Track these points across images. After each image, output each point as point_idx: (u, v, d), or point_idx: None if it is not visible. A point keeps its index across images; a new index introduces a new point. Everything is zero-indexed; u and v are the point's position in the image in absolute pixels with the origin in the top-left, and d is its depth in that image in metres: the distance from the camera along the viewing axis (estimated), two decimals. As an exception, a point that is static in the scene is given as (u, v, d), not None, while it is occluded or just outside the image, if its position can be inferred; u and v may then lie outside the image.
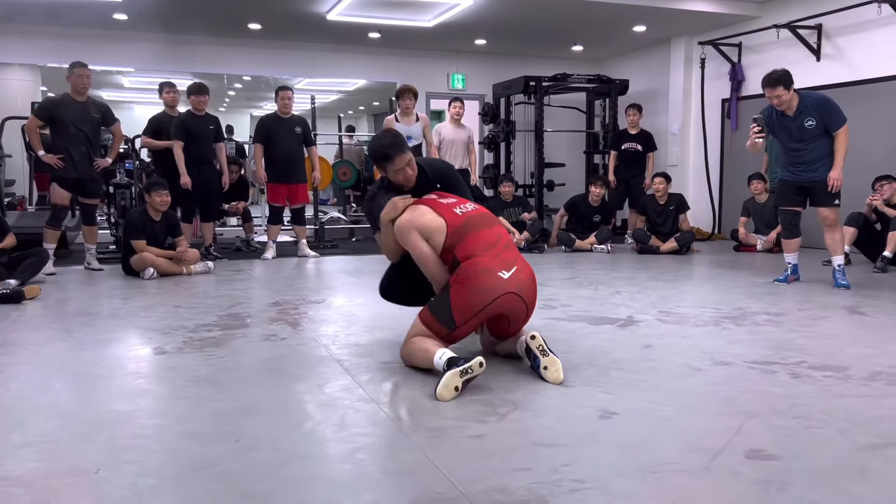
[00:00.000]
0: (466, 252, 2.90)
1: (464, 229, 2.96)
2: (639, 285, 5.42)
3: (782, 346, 3.43)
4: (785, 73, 5.04)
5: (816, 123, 5.01)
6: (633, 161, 8.55)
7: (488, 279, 2.83)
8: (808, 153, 5.13)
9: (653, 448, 2.15)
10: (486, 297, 2.84)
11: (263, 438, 2.24)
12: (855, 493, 1.85)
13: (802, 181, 5.21)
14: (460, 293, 2.85)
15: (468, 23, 8.65)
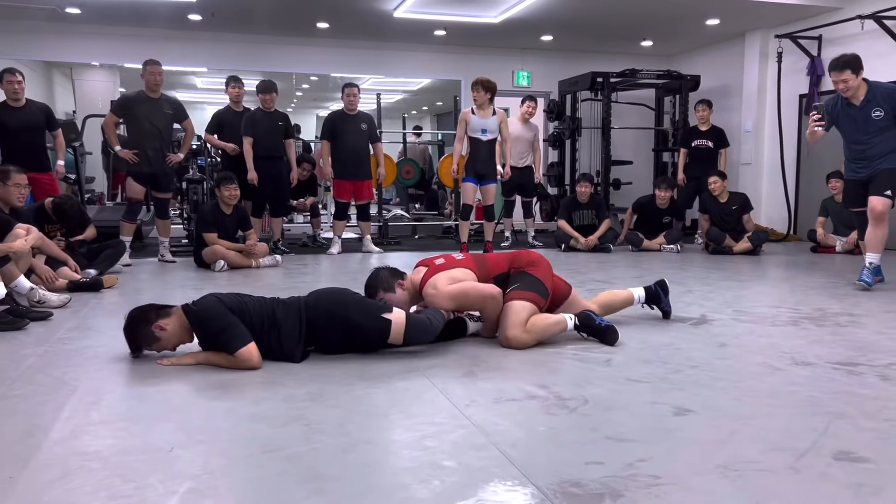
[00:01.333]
0: (500, 263, 3.45)
1: (475, 262, 3.40)
2: (711, 284, 5.24)
3: (868, 348, 3.25)
4: (855, 56, 4.78)
5: (885, 115, 4.71)
6: (704, 158, 8.29)
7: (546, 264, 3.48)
8: (871, 148, 4.83)
9: (732, 446, 2.06)
10: (551, 269, 3.48)
11: (331, 424, 2.24)
12: (959, 501, 1.72)
13: (863, 178, 4.92)
14: (540, 269, 3.39)
15: (534, 18, 8.56)
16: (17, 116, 5.81)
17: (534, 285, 3.30)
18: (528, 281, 3.32)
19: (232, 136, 6.94)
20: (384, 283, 3.30)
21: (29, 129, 5.85)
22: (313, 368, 2.90)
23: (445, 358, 3.07)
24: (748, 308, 4.25)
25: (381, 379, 2.76)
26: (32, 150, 5.86)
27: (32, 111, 5.91)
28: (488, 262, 3.44)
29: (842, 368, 2.90)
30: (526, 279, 3.33)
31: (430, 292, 3.19)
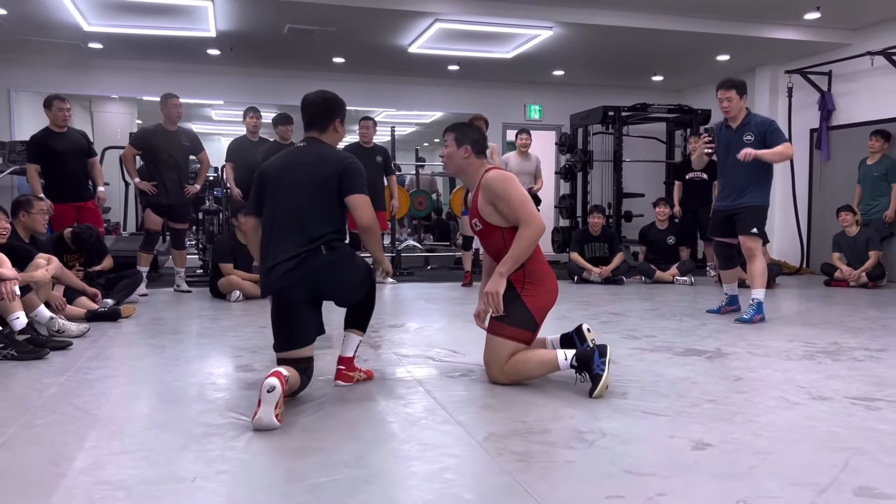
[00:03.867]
0: (535, 251, 3.13)
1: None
2: (726, 317, 5.23)
3: (886, 383, 3.24)
4: (742, 81, 5.01)
5: (755, 140, 4.83)
6: (699, 191, 8.32)
7: (554, 282, 3.21)
8: (737, 173, 4.93)
9: (752, 481, 2.06)
10: (554, 298, 3.19)
11: (351, 455, 2.25)
12: (982, 538, 1.71)
13: (727, 207, 5.06)
14: (537, 297, 3.11)
15: (546, 54, 8.69)
16: (63, 140, 5.87)
17: (522, 319, 3.07)
18: (518, 312, 3.07)
19: (247, 165, 7.04)
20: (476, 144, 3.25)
21: (74, 153, 5.91)
22: (329, 399, 2.92)
23: (463, 389, 3.08)
24: (763, 342, 4.25)
25: (398, 410, 2.77)
26: (76, 176, 5.95)
27: (76, 136, 6.00)
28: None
29: (860, 403, 2.90)
30: (516, 309, 3.07)
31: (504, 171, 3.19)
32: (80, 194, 5.96)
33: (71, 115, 5.97)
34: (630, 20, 7.39)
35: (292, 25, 7.42)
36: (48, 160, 5.83)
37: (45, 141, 5.85)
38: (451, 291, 6.84)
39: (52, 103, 5.87)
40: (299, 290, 2.90)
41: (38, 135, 5.92)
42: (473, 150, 3.19)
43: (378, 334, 4.44)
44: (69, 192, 5.87)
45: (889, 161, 7.55)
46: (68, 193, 5.86)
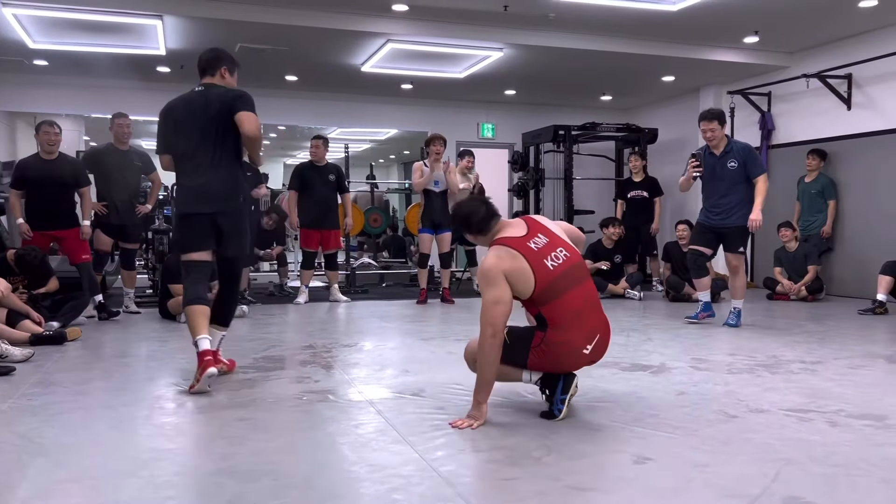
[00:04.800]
0: (556, 319, 2.82)
1: (555, 289, 2.82)
2: (671, 332, 5.38)
3: (819, 395, 3.39)
4: (721, 111, 5.56)
5: (738, 166, 5.34)
6: (641, 208, 8.60)
7: (573, 358, 2.89)
8: (725, 197, 5.42)
9: (688, 494, 2.14)
10: (563, 369, 2.93)
11: (299, 477, 2.27)
12: (898, 542, 1.82)
13: (714, 225, 5.52)
14: (540, 359, 2.87)
15: (498, 74, 8.84)
16: (44, 168, 5.66)
17: (517, 359, 2.90)
18: (519, 353, 2.89)
19: None
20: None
21: (52, 183, 5.66)
22: (280, 422, 2.93)
23: (415, 409, 3.12)
24: (706, 356, 4.39)
25: (349, 431, 2.80)
26: (53, 204, 5.70)
27: (61, 165, 5.75)
28: (560, 299, 2.85)
29: (794, 415, 3.03)
30: (520, 351, 2.89)
31: (490, 258, 2.86)
32: (59, 223, 5.74)
33: (59, 139, 5.79)
34: (578, 42, 7.58)
35: (244, 44, 7.41)
36: (26, 186, 5.71)
37: (25, 167, 5.76)
38: (406, 309, 6.87)
39: (39, 127, 5.75)
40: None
41: (23, 160, 5.89)
42: (473, 231, 3.04)
43: (331, 354, 4.45)
44: (45, 221, 5.69)
45: (825, 179, 7.88)
46: (44, 222, 5.69)
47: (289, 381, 3.69)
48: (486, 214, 3.01)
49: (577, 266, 2.93)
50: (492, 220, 3.01)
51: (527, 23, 7.14)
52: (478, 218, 3.00)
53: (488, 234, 3.00)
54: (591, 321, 2.90)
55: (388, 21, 7.00)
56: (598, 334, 2.91)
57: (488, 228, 3.00)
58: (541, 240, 2.89)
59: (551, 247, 2.88)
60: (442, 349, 4.65)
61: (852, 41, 7.63)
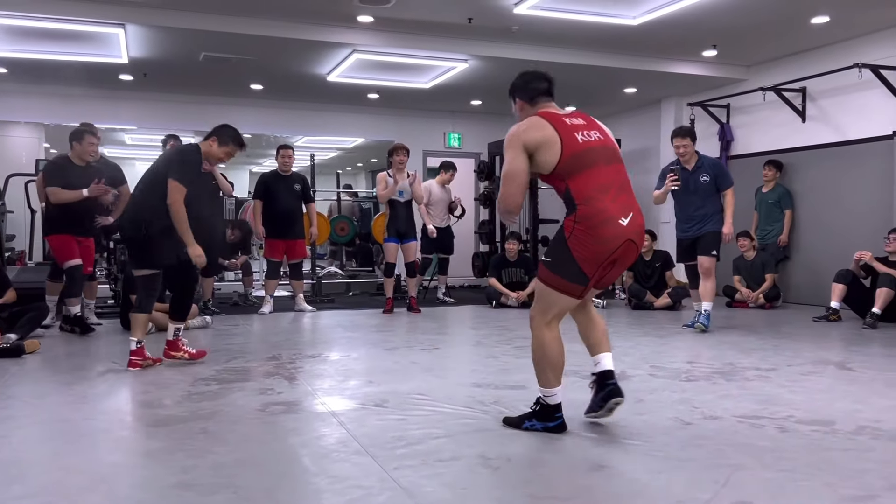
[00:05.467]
0: (584, 192, 2.72)
1: (582, 160, 2.75)
2: (632, 340, 5.48)
3: (771, 401, 3.49)
4: (692, 128, 6.03)
5: (710, 181, 5.74)
6: None
7: (611, 228, 2.69)
8: (699, 209, 5.79)
9: (643, 500, 2.20)
10: (610, 247, 2.71)
11: (260, 490, 2.28)
12: (837, 544, 1.90)
13: (691, 236, 5.86)
14: (584, 244, 2.69)
15: (463, 84, 8.92)
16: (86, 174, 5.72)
17: (568, 269, 2.75)
18: (563, 260, 2.76)
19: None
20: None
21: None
22: (241, 435, 2.94)
23: (377, 420, 3.15)
24: (664, 363, 4.49)
25: (311, 443, 2.81)
26: (89, 213, 5.91)
27: (98, 170, 5.87)
28: (587, 171, 2.77)
29: (746, 421, 3.12)
30: (562, 256, 2.76)
31: (518, 128, 2.84)
32: (85, 230, 5.90)
33: (95, 149, 5.96)
34: (541, 54, 7.69)
35: (208, 53, 7.39)
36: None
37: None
38: (372, 319, 6.88)
39: (83, 136, 5.77)
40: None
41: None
42: (523, 96, 2.99)
43: (294, 365, 4.45)
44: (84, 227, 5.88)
45: (782, 189, 8.10)
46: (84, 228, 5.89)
47: (251, 393, 3.68)
48: (544, 89, 2.96)
49: (610, 149, 2.86)
50: (546, 97, 2.96)
51: (491, 35, 7.24)
52: (535, 85, 2.96)
53: (532, 110, 2.93)
54: (622, 198, 2.77)
55: (353, 32, 7.04)
56: (631, 212, 2.75)
57: (536, 101, 2.95)
58: (579, 121, 2.86)
59: (587, 128, 2.84)
60: (406, 359, 4.68)
61: (806, 56, 7.87)
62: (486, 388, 3.78)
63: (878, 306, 6.14)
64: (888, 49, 6.92)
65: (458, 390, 3.73)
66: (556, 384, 2.91)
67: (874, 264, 6.39)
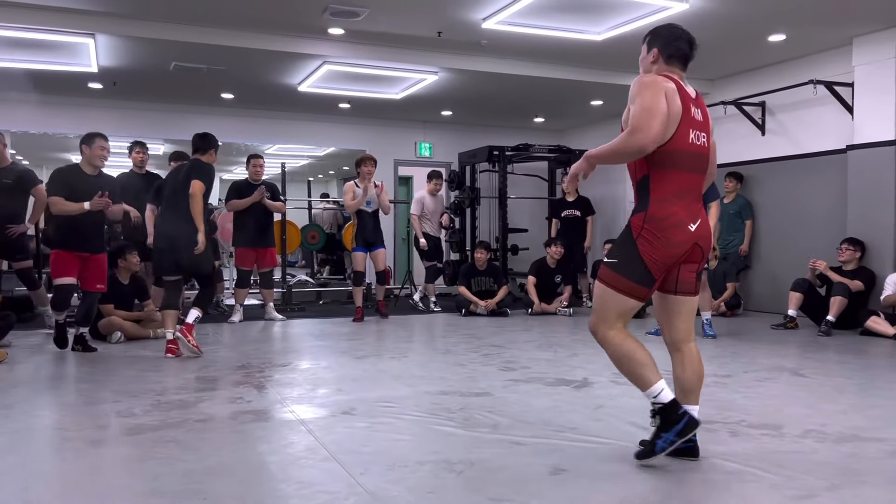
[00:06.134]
0: (663, 191, 2.62)
1: (680, 159, 2.63)
2: (596, 347, 5.58)
3: (725, 407, 3.64)
4: None
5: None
6: (574, 227, 8.96)
7: (681, 233, 2.62)
8: None
9: (595, 499, 2.32)
10: (678, 252, 2.64)
11: (229, 496, 2.35)
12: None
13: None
14: (653, 245, 2.60)
15: (434, 96, 9.04)
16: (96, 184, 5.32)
17: (634, 270, 2.64)
18: (630, 260, 2.65)
19: (135, 200, 6.94)
20: None
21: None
22: (211, 443, 2.99)
23: (345, 428, 3.22)
24: (626, 371, 4.62)
25: (279, 450, 2.88)
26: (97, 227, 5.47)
27: (108, 180, 5.54)
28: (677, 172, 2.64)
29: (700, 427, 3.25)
30: (629, 256, 2.66)
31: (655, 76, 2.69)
32: (93, 246, 5.41)
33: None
34: (510, 68, 7.84)
35: (178, 63, 7.41)
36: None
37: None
38: (342, 327, 6.94)
39: (93, 140, 5.39)
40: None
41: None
42: (656, 44, 2.78)
43: (264, 374, 4.50)
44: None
45: (742, 200, 8.34)
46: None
47: (221, 402, 3.73)
48: (684, 54, 2.75)
49: (706, 158, 2.74)
50: (681, 62, 2.76)
51: (460, 48, 7.36)
52: (679, 45, 2.74)
53: (664, 67, 2.74)
54: (694, 206, 2.68)
55: (324, 44, 7.11)
56: (699, 218, 2.68)
57: (671, 62, 2.74)
58: (699, 115, 2.70)
59: (702, 127, 2.70)
60: (375, 367, 4.76)
61: (765, 71, 8.13)
62: (453, 396, 3.87)
63: (833, 314, 6.36)
64: (841, 67, 7.18)
65: (425, 398, 3.82)
66: (656, 378, 2.70)
67: (828, 273, 6.62)
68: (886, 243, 6.76)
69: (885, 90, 6.74)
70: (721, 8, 6.03)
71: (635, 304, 2.72)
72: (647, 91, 2.58)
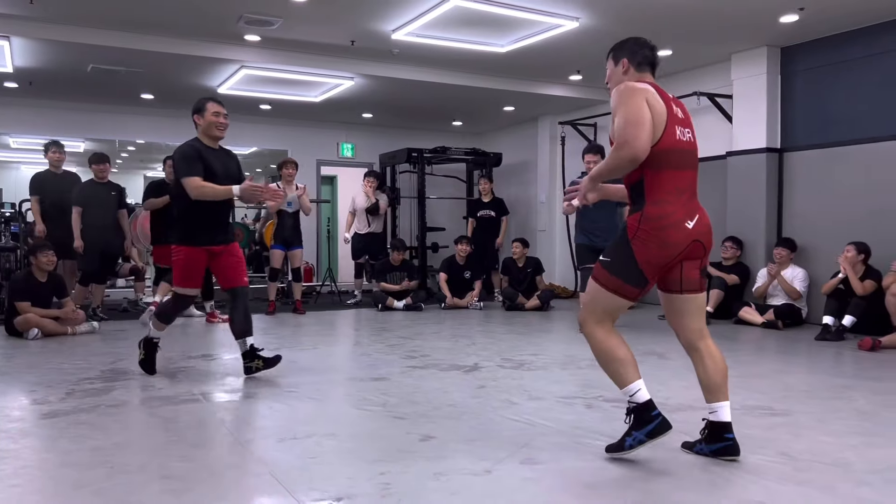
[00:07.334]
0: (659, 190, 2.64)
1: (672, 158, 2.65)
2: (494, 337, 6.11)
3: (590, 385, 4.14)
4: (602, 147, 6.61)
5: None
6: (489, 226, 9.48)
7: (677, 232, 2.62)
8: (604, 223, 6.41)
9: (453, 460, 2.75)
10: (674, 252, 2.64)
11: (134, 465, 2.68)
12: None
13: (597, 245, 6.37)
14: (648, 246, 2.62)
15: (352, 99, 9.38)
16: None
17: (626, 270, 2.67)
18: (623, 260, 2.68)
19: (51, 199, 7.07)
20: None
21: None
22: (120, 423, 3.30)
23: (245, 409, 3.57)
24: (514, 356, 5.11)
25: (181, 429, 3.21)
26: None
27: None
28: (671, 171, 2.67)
29: (563, 401, 3.74)
30: (622, 256, 2.69)
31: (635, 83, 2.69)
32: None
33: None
34: (422, 75, 8.26)
35: (96, 65, 7.53)
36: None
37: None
38: (259, 322, 7.18)
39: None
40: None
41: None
42: (626, 54, 2.83)
43: (177, 366, 4.78)
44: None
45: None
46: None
47: (132, 390, 4.02)
48: (649, 59, 2.82)
49: (695, 154, 2.79)
50: (650, 68, 2.82)
51: (374, 56, 7.74)
52: (645, 52, 2.81)
53: (636, 75, 2.79)
54: (692, 203, 2.71)
55: (241, 49, 7.37)
56: (697, 213, 2.69)
57: (641, 69, 2.80)
58: (680, 113, 2.73)
59: (685, 124, 2.74)
60: (286, 358, 5.08)
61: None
62: (353, 381, 4.26)
63: (711, 305, 7.04)
64: (721, 80, 7.89)
65: (327, 383, 4.20)
66: (635, 377, 2.71)
67: (710, 269, 7.31)
68: (759, 240, 7.50)
69: (759, 102, 7.47)
70: (608, 26, 6.60)
71: (624, 304, 2.73)
72: (628, 101, 2.60)
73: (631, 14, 6.32)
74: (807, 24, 6.62)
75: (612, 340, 2.73)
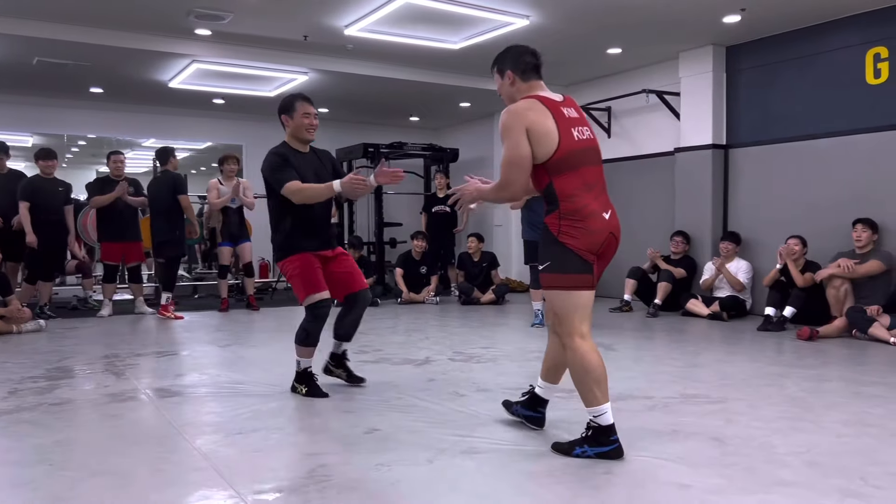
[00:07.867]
0: (568, 190, 2.68)
1: (574, 159, 2.69)
2: (448, 331, 6.17)
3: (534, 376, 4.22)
4: None
5: None
6: (444, 221, 9.55)
7: (597, 221, 2.69)
8: (537, 216, 6.33)
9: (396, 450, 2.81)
10: (599, 239, 2.69)
11: (74, 462, 2.68)
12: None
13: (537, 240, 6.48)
14: (575, 236, 2.66)
15: (308, 94, 9.24)
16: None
17: (570, 262, 2.69)
18: (563, 256, 2.71)
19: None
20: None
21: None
22: (63, 421, 3.28)
23: (191, 406, 3.57)
24: (465, 350, 5.18)
25: (125, 426, 3.21)
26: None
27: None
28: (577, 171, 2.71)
29: (507, 392, 3.81)
30: (559, 253, 2.72)
31: (519, 106, 2.72)
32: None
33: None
34: (377, 70, 8.27)
35: (42, 59, 7.38)
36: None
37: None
38: (212, 319, 7.17)
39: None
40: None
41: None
42: (512, 67, 2.83)
43: (125, 363, 4.74)
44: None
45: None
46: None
47: (77, 388, 3.99)
48: (533, 64, 2.83)
49: (597, 150, 2.82)
50: (535, 73, 2.84)
51: (327, 51, 7.72)
52: (527, 59, 2.82)
53: (523, 85, 2.82)
54: (602, 196, 2.77)
55: (191, 44, 7.28)
56: (609, 209, 2.76)
57: (529, 76, 2.82)
58: (574, 114, 2.77)
59: (580, 122, 2.77)
60: (235, 354, 5.10)
61: (609, 80, 8.95)
62: (301, 376, 4.28)
63: (659, 298, 7.22)
64: (669, 78, 8.07)
65: (276, 378, 4.19)
66: (604, 400, 2.69)
67: (659, 262, 7.49)
68: (705, 234, 7.71)
69: (704, 100, 7.67)
70: (558, 25, 6.70)
71: (588, 295, 2.73)
72: (509, 134, 2.66)
73: (580, 13, 6.43)
74: (749, 24, 6.82)
75: (591, 358, 2.72)
